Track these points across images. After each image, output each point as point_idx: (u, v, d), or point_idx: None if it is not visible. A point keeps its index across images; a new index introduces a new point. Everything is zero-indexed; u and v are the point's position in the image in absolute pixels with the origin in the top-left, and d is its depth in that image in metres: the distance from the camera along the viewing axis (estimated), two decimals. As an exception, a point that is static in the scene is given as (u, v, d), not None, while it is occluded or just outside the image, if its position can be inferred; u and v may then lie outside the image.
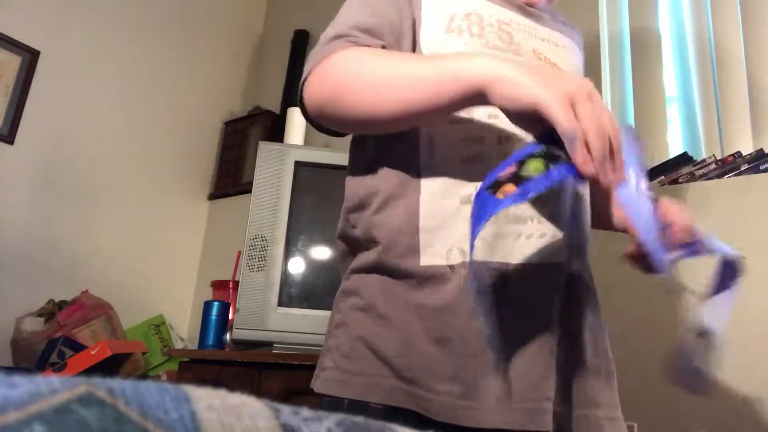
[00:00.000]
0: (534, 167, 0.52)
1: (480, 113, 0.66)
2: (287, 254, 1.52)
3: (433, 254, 0.65)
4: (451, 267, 0.64)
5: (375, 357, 0.65)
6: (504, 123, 0.62)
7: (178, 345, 2.20)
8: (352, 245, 0.74)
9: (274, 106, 2.49)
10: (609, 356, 0.72)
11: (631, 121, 1.69)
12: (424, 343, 0.63)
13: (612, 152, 0.52)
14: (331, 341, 0.70)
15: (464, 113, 0.66)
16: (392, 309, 0.66)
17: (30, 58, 2.05)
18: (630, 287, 1.36)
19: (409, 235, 0.66)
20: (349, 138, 0.79)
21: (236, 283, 1.66)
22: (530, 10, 0.77)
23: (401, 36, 0.71)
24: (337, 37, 0.68)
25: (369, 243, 0.70)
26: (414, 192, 0.67)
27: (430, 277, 0.65)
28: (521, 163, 0.52)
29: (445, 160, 0.66)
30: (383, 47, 0.69)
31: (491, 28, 0.70)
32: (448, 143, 0.67)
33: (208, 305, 1.70)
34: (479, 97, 0.57)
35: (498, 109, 0.57)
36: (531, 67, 0.56)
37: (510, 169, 0.52)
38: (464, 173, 0.65)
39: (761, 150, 1.41)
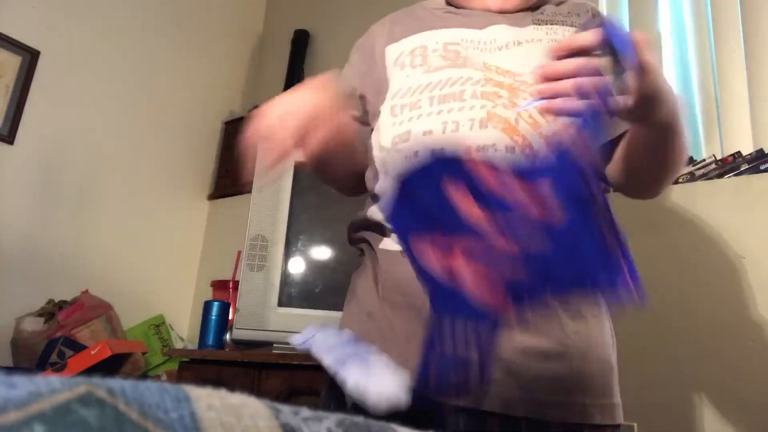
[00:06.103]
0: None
1: (416, 132, 0.77)
2: (287, 254, 1.52)
3: (389, 241, 0.79)
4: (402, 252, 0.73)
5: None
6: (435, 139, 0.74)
7: (178, 345, 2.20)
8: None
9: (274, 106, 2.48)
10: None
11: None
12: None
13: None
14: None
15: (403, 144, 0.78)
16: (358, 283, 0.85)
17: (30, 58, 2.05)
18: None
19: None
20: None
21: (236, 283, 1.66)
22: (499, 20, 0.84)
23: (381, 84, 0.86)
24: None
25: None
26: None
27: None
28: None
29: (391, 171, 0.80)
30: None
31: (435, 53, 0.82)
32: (393, 160, 0.80)
33: (208, 305, 1.70)
34: None
35: (431, 125, 0.74)
36: None
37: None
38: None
39: (761, 150, 1.41)
